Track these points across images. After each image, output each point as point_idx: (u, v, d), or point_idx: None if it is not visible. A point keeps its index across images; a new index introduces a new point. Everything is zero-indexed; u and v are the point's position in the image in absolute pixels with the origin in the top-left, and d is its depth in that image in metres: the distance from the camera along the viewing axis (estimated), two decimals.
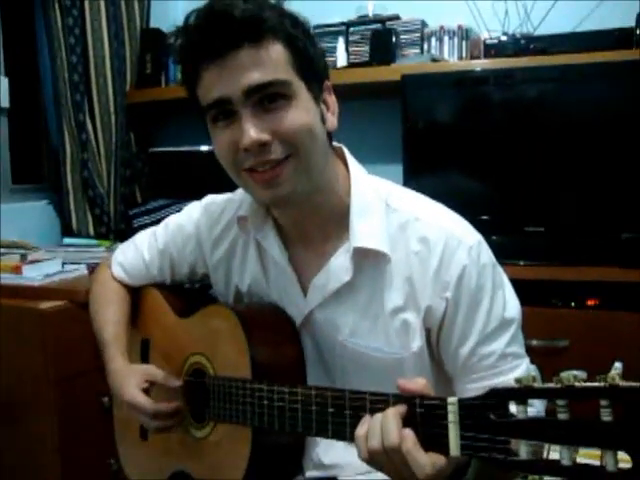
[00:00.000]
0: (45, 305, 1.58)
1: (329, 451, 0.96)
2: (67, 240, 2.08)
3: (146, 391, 0.99)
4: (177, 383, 1.00)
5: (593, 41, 1.79)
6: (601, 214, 1.71)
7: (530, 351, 1.16)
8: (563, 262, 1.70)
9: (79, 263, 1.90)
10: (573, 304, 1.68)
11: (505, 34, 1.96)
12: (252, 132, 0.81)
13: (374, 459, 0.73)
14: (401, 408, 0.72)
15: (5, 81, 2.07)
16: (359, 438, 0.73)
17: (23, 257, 1.80)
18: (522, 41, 1.85)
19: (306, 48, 0.85)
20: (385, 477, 0.76)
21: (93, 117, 2.18)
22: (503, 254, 1.69)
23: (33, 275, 1.74)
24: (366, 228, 0.89)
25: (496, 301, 0.88)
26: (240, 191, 1.03)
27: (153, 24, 2.46)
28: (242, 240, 1.03)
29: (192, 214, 1.10)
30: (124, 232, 2.10)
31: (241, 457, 0.90)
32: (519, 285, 1.62)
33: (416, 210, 0.91)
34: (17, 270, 1.75)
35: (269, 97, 0.82)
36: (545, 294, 1.69)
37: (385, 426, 0.71)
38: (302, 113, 0.83)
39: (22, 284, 1.71)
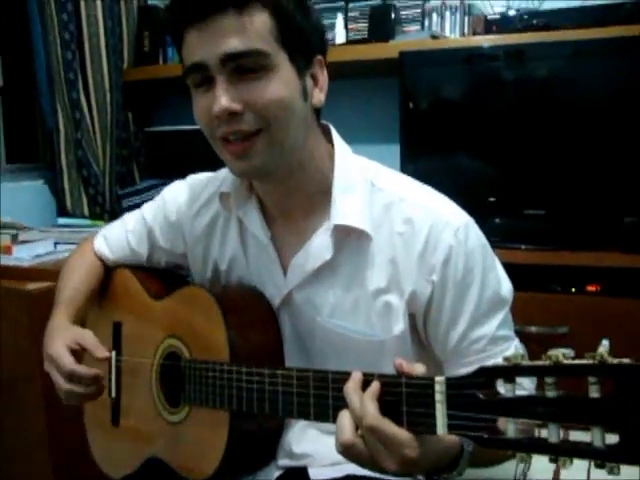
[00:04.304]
0: (32, 286, 1.58)
1: (301, 440, 0.94)
2: (62, 220, 2.07)
3: (74, 352, 0.97)
4: (105, 355, 0.98)
5: (602, 16, 1.71)
6: (603, 197, 1.65)
7: (529, 338, 1.13)
8: (563, 246, 1.64)
9: (72, 244, 1.88)
10: (573, 290, 1.64)
11: (509, 9, 1.89)
12: (223, 100, 0.79)
13: (349, 448, 0.69)
14: (370, 384, 0.70)
15: None
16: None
17: (14, 237, 1.79)
18: (525, 16, 1.78)
19: (295, 19, 0.83)
20: (357, 469, 0.73)
21: (88, 95, 2.15)
22: (503, 238, 1.68)
23: (23, 255, 1.74)
24: (348, 206, 0.87)
25: (487, 284, 0.86)
26: (224, 170, 1.01)
27: (151, 1, 2.41)
28: (223, 217, 1.01)
29: (175, 191, 1.10)
30: (118, 212, 2.08)
31: (218, 442, 0.88)
32: (519, 270, 1.57)
33: (402, 191, 0.89)
34: (7, 251, 1.75)
35: (246, 66, 0.80)
36: (545, 279, 1.65)
37: (349, 401, 0.69)
38: (279, 86, 0.81)
39: (11, 265, 1.71)
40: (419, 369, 0.69)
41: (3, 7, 2.08)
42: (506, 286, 0.89)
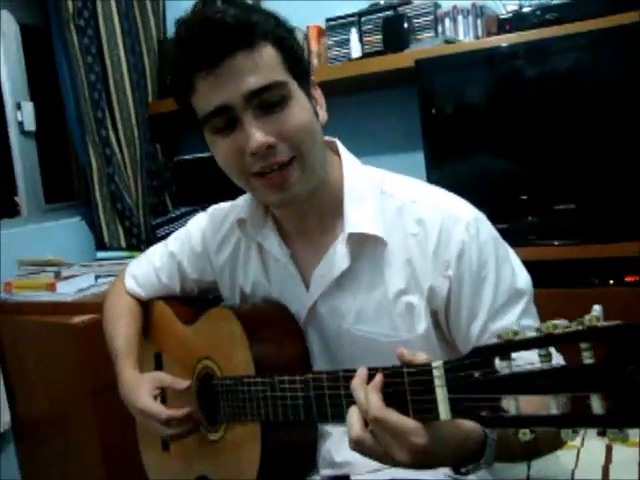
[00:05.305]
0: (76, 320, 1.63)
1: (340, 448, 0.95)
2: (100, 254, 2.13)
3: (157, 398, 1.01)
4: (184, 384, 1.01)
5: (616, 2, 1.68)
6: (632, 185, 1.61)
7: None
8: (597, 239, 1.61)
9: (112, 276, 1.94)
10: (611, 282, 1.61)
11: (522, 7, 1.88)
12: (258, 135, 0.81)
13: (359, 442, 0.69)
14: (373, 376, 0.70)
15: (30, 105, 2.15)
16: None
17: (57, 274, 1.85)
18: (538, 12, 1.77)
19: (293, 47, 0.86)
20: (397, 473, 0.74)
21: (116, 131, 2.22)
22: (536, 235, 1.66)
23: (67, 291, 1.80)
24: (360, 214, 0.90)
25: (502, 275, 0.87)
26: (243, 197, 1.04)
27: (170, 35, 2.48)
28: (244, 243, 1.04)
29: (199, 222, 1.13)
30: (154, 242, 2.13)
31: (253, 455, 0.91)
32: (554, 266, 1.56)
33: (412, 194, 0.92)
34: (51, 287, 1.81)
35: (269, 100, 0.82)
36: (581, 274, 1.62)
37: (355, 396, 0.70)
38: (301, 112, 0.85)
39: (56, 300, 1.77)
40: (420, 357, 0.69)
41: (32, 55, 2.18)
42: (522, 277, 0.89)
